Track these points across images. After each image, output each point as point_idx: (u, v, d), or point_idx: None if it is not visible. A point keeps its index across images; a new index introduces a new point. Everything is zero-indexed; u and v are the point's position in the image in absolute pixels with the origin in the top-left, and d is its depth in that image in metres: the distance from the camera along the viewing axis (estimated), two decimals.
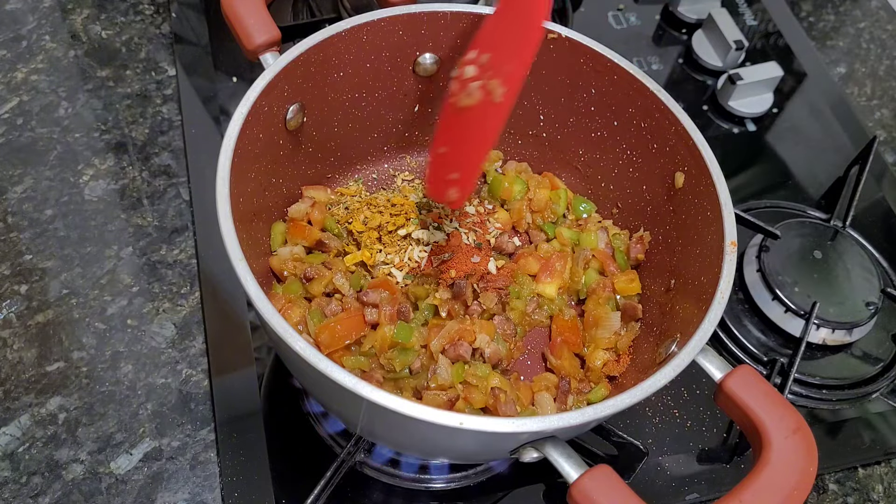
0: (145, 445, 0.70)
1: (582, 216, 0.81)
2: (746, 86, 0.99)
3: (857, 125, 1.03)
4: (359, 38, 0.70)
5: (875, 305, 0.82)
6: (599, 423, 0.70)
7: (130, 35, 0.97)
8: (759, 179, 0.97)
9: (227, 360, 0.74)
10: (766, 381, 0.54)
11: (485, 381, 0.67)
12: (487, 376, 0.67)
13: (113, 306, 0.77)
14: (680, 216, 0.70)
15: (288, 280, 0.71)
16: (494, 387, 0.67)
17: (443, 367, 0.67)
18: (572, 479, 0.50)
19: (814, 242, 0.87)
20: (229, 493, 0.67)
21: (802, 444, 0.51)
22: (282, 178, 0.72)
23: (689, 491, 0.72)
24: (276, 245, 0.73)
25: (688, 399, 0.78)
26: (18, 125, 0.87)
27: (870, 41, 1.15)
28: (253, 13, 0.67)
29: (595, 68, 0.73)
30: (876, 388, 0.81)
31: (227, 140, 0.59)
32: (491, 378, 0.68)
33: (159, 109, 0.91)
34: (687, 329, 0.59)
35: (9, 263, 0.78)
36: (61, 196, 0.83)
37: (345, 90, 0.74)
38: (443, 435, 0.53)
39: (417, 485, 0.71)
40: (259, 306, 0.52)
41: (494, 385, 0.67)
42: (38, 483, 0.67)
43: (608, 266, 0.77)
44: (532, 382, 0.71)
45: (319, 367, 0.49)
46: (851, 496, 0.75)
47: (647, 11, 1.11)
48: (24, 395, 0.71)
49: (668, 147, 0.70)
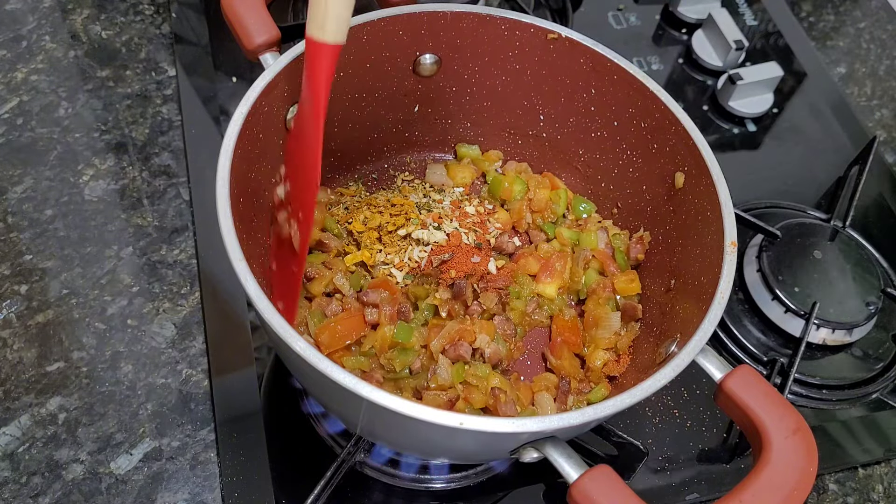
0: (145, 445, 0.70)
1: (582, 216, 0.81)
2: (746, 86, 0.99)
3: (857, 125, 1.03)
4: (359, 38, 0.70)
5: (875, 305, 0.82)
6: (599, 424, 0.70)
7: (130, 35, 0.97)
8: (758, 179, 0.97)
9: (227, 360, 0.74)
10: (766, 381, 0.54)
11: (485, 381, 0.67)
12: (487, 376, 0.68)
13: (113, 306, 0.77)
14: (680, 216, 0.70)
15: None
16: (494, 387, 0.67)
17: (443, 367, 0.67)
18: (572, 479, 0.50)
19: (814, 242, 0.87)
20: (229, 493, 0.67)
21: (802, 444, 0.51)
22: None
23: (689, 491, 0.72)
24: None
25: (688, 399, 0.78)
26: (18, 125, 0.87)
27: (870, 41, 1.15)
28: (253, 13, 0.67)
29: (595, 68, 0.73)
30: (876, 388, 0.81)
31: (227, 140, 0.59)
32: (491, 378, 0.68)
33: (159, 109, 0.91)
34: (687, 329, 0.59)
35: (9, 263, 0.78)
36: (61, 196, 0.83)
37: (345, 90, 0.74)
38: (443, 435, 0.53)
39: (417, 485, 0.71)
40: (259, 306, 0.52)
41: (494, 385, 0.67)
42: (38, 483, 0.67)
43: (608, 266, 0.77)
44: (532, 382, 0.71)
45: (319, 367, 0.49)
46: (851, 496, 0.75)
47: (647, 11, 1.11)
48: (24, 395, 0.71)
49: (669, 147, 0.70)
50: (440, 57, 0.76)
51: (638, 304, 0.74)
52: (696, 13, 1.09)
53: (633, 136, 0.74)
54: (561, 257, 0.76)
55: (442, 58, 0.76)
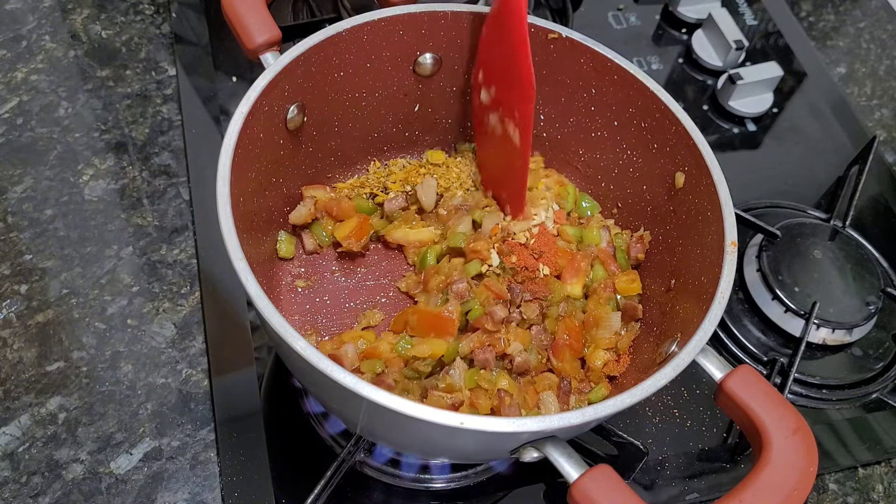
0: (145, 445, 0.70)
1: (585, 214, 0.81)
2: (746, 86, 0.99)
3: (857, 125, 1.03)
4: (359, 37, 0.70)
5: (875, 305, 0.82)
6: (600, 423, 0.70)
7: (130, 35, 0.97)
8: (758, 179, 0.97)
9: (227, 360, 0.74)
10: (767, 381, 0.54)
11: (494, 384, 0.67)
12: (496, 379, 0.67)
13: (113, 306, 0.77)
14: (680, 216, 0.70)
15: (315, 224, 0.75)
16: (501, 389, 0.67)
17: (458, 370, 0.66)
18: (572, 478, 0.50)
19: (814, 242, 0.87)
20: (229, 493, 0.67)
21: (803, 444, 0.51)
22: (282, 177, 0.72)
23: (689, 491, 0.72)
24: (285, 251, 0.74)
25: (688, 399, 0.78)
26: (18, 125, 0.87)
27: (870, 41, 1.15)
28: (253, 13, 0.67)
29: (595, 68, 0.73)
30: (876, 388, 0.81)
31: (228, 140, 0.59)
32: (500, 379, 0.67)
33: (159, 109, 0.91)
34: (687, 329, 0.59)
35: (9, 263, 0.78)
36: (61, 196, 0.83)
37: (345, 90, 0.74)
38: (443, 435, 0.53)
39: (417, 484, 0.71)
40: (259, 306, 0.52)
41: (502, 387, 0.67)
42: (38, 483, 0.67)
43: (609, 265, 0.76)
44: (535, 382, 0.71)
45: (320, 366, 0.49)
46: (851, 496, 0.75)
47: (647, 11, 1.11)
48: (24, 394, 0.71)
49: (669, 147, 0.70)
50: (440, 57, 0.76)
51: (638, 304, 0.74)
52: (696, 13, 1.09)
53: (634, 135, 0.74)
54: (584, 256, 0.75)
55: (442, 58, 0.76)
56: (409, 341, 0.68)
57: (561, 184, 0.81)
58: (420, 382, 0.68)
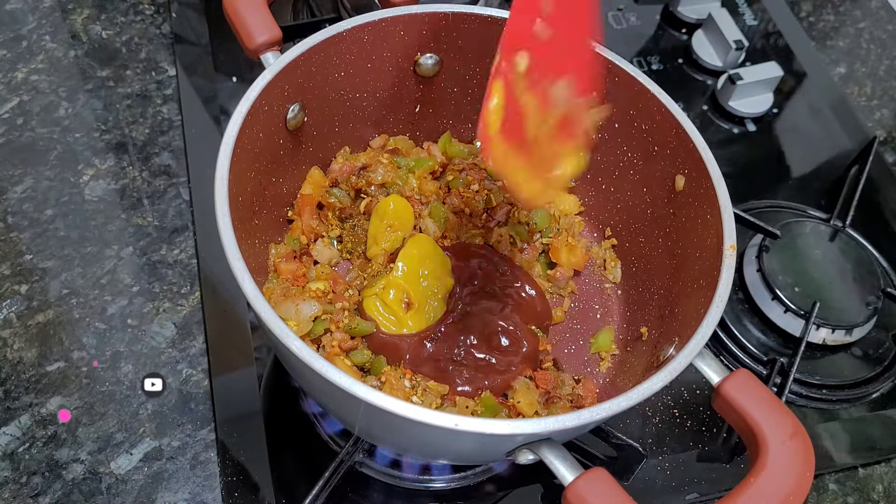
0: (145, 445, 0.70)
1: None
2: (746, 86, 0.99)
3: (857, 125, 1.03)
4: (359, 38, 0.70)
5: (875, 305, 0.82)
6: (598, 425, 0.70)
7: (130, 35, 0.97)
8: (758, 179, 0.97)
9: (227, 360, 0.74)
10: (764, 385, 0.54)
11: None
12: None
13: (113, 306, 0.77)
14: (680, 219, 0.70)
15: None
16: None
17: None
18: (567, 481, 0.50)
19: (814, 242, 0.87)
20: (229, 493, 0.67)
21: (799, 449, 0.51)
22: (282, 177, 0.72)
23: (689, 491, 0.72)
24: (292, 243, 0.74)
25: (688, 399, 0.78)
26: (18, 125, 0.87)
27: (870, 41, 1.15)
28: (254, 12, 0.67)
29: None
30: (876, 388, 0.81)
31: (227, 139, 0.59)
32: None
33: (159, 109, 0.91)
34: (685, 332, 0.59)
35: (9, 263, 0.78)
36: (61, 196, 0.83)
37: (345, 90, 0.74)
38: (438, 436, 0.53)
39: (417, 485, 0.71)
40: (256, 306, 0.52)
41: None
42: (38, 483, 0.67)
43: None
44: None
45: (316, 367, 0.49)
46: (851, 496, 0.75)
47: (647, 11, 1.11)
48: (24, 394, 0.71)
49: (669, 149, 0.70)
50: (441, 57, 0.76)
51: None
52: (696, 13, 1.09)
53: (634, 137, 0.74)
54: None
55: (443, 58, 0.76)
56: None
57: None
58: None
